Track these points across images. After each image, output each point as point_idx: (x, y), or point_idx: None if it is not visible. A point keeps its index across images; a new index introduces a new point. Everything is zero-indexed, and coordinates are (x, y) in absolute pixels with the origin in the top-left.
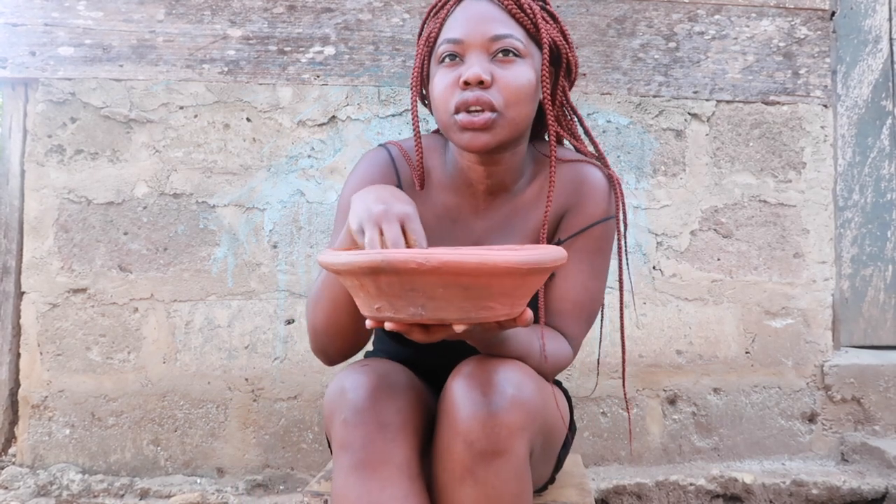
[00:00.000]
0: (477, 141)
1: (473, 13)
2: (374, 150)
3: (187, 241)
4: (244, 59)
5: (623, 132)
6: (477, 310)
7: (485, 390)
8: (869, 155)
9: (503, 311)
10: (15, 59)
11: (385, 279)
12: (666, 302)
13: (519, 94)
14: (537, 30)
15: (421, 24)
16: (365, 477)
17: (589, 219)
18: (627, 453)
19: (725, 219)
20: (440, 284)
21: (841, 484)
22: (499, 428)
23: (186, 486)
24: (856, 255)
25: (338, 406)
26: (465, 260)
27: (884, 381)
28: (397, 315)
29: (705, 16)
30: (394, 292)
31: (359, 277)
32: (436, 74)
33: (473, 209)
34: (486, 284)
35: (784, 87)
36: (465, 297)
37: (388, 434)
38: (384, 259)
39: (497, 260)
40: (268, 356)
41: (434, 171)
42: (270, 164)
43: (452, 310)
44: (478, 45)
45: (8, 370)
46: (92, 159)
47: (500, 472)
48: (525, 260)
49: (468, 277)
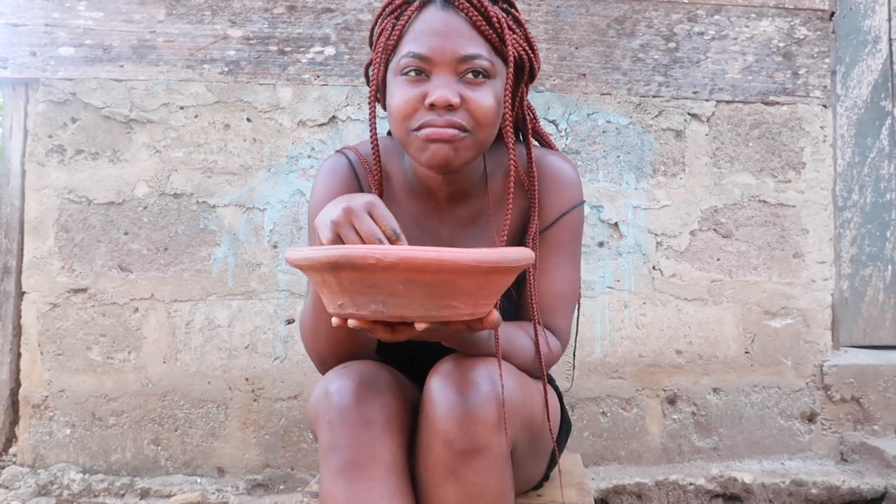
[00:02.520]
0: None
1: (439, 27)
2: (333, 157)
3: (187, 241)
4: (244, 60)
5: (623, 132)
6: (438, 308)
7: (461, 388)
8: (868, 155)
9: (466, 310)
10: (16, 60)
11: (346, 275)
12: (666, 302)
13: (488, 116)
14: (504, 44)
15: (373, 25)
16: (353, 478)
17: (557, 210)
18: (627, 453)
19: (725, 219)
20: (400, 281)
21: (840, 484)
22: (475, 425)
23: (187, 486)
24: (855, 255)
25: (322, 409)
26: (425, 256)
27: (883, 381)
28: (359, 312)
29: (705, 16)
30: (355, 289)
31: (321, 273)
32: (396, 86)
33: (437, 214)
34: (446, 282)
35: (784, 87)
36: (427, 295)
37: (374, 431)
38: (342, 254)
39: (457, 258)
40: (268, 356)
41: (394, 175)
42: (271, 164)
43: (414, 307)
44: (445, 65)
45: (8, 370)
46: (92, 159)
47: (480, 469)
48: (486, 259)
49: (428, 274)
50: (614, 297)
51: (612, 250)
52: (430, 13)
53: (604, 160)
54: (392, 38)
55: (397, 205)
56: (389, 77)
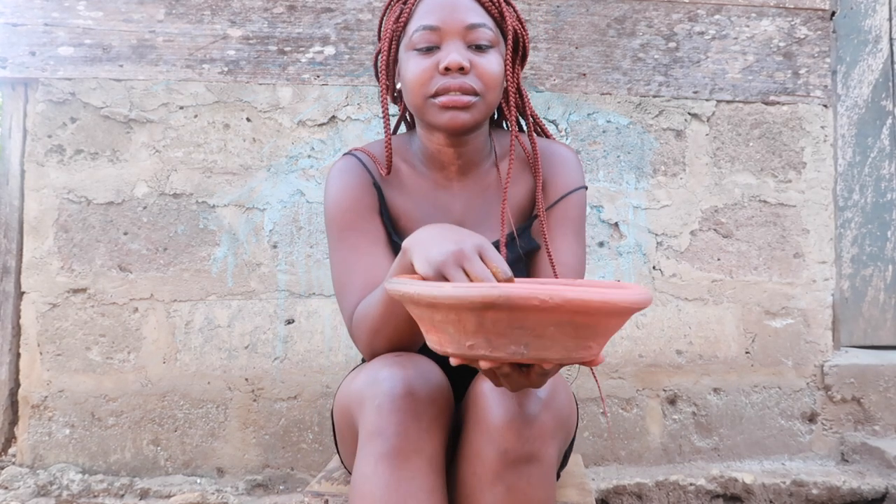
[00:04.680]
0: (457, 120)
1: (446, 1)
2: (343, 159)
3: (187, 241)
4: (244, 59)
5: (623, 132)
6: (578, 349)
7: (519, 396)
8: (869, 155)
9: (596, 350)
10: (15, 59)
11: (493, 315)
12: (666, 302)
13: (494, 80)
14: (503, 19)
15: (381, 15)
16: (395, 466)
17: (563, 188)
18: (628, 453)
19: (725, 219)
20: (554, 323)
21: (841, 484)
22: (534, 434)
23: (186, 486)
24: (856, 255)
25: (371, 393)
26: (590, 298)
27: (884, 381)
28: (494, 353)
29: (705, 16)
30: (498, 329)
31: (459, 312)
32: (409, 59)
33: (448, 191)
34: (596, 323)
35: (784, 87)
36: (573, 336)
37: (423, 424)
38: (502, 294)
39: (617, 298)
40: (268, 356)
41: (402, 166)
42: (270, 164)
43: (556, 349)
44: (454, 33)
45: (8, 370)
46: (92, 159)
47: (532, 477)
48: (638, 299)
49: (586, 316)
50: None
51: (612, 250)
52: None
53: (604, 160)
54: (402, 18)
55: (410, 187)
56: (402, 54)
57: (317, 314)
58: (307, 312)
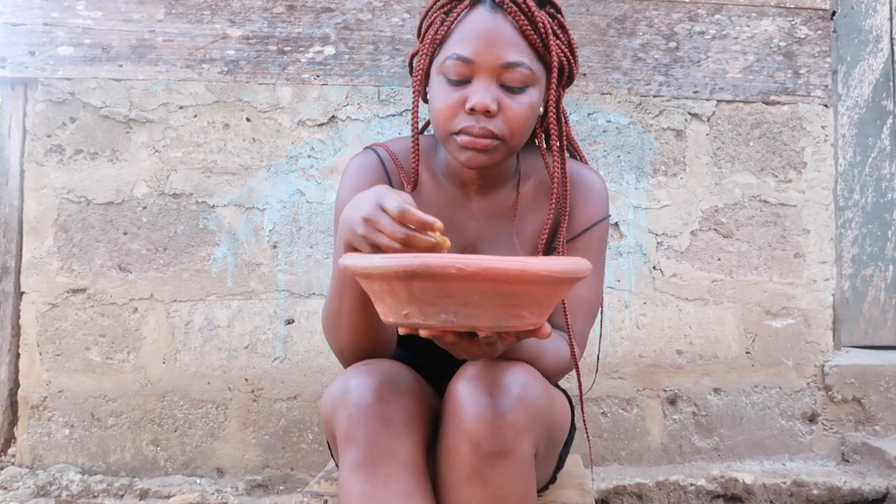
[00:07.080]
0: (475, 161)
1: (485, 30)
2: (362, 153)
3: (187, 241)
4: (244, 59)
5: (623, 132)
6: (508, 318)
7: (491, 391)
8: (869, 155)
9: (531, 320)
10: (14, 59)
11: (419, 284)
12: (666, 302)
13: (523, 124)
14: (548, 51)
15: (422, 15)
16: (369, 474)
17: (588, 219)
18: (628, 453)
19: (726, 219)
20: (476, 291)
21: (841, 484)
22: (505, 428)
23: (186, 487)
24: (856, 255)
25: (341, 403)
26: (507, 266)
27: (884, 382)
28: (427, 322)
29: (705, 15)
30: (427, 298)
31: (390, 282)
32: (438, 86)
33: (466, 209)
34: (521, 292)
35: (784, 86)
36: (499, 305)
37: (393, 430)
38: (421, 263)
39: (537, 268)
40: (268, 356)
41: (425, 175)
42: (270, 164)
43: (485, 317)
44: (488, 70)
45: (7, 370)
46: (91, 159)
47: (507, 472)
48: (562, 269)
49: (507, 284)
50: (615, 297)
51: (612, 250)
52: (478, 14)
53: (604, 160)
54: (439, 34)
55: (426, 198)
56: (433, 73)
57: (317, 314)
58: (307, 312)
